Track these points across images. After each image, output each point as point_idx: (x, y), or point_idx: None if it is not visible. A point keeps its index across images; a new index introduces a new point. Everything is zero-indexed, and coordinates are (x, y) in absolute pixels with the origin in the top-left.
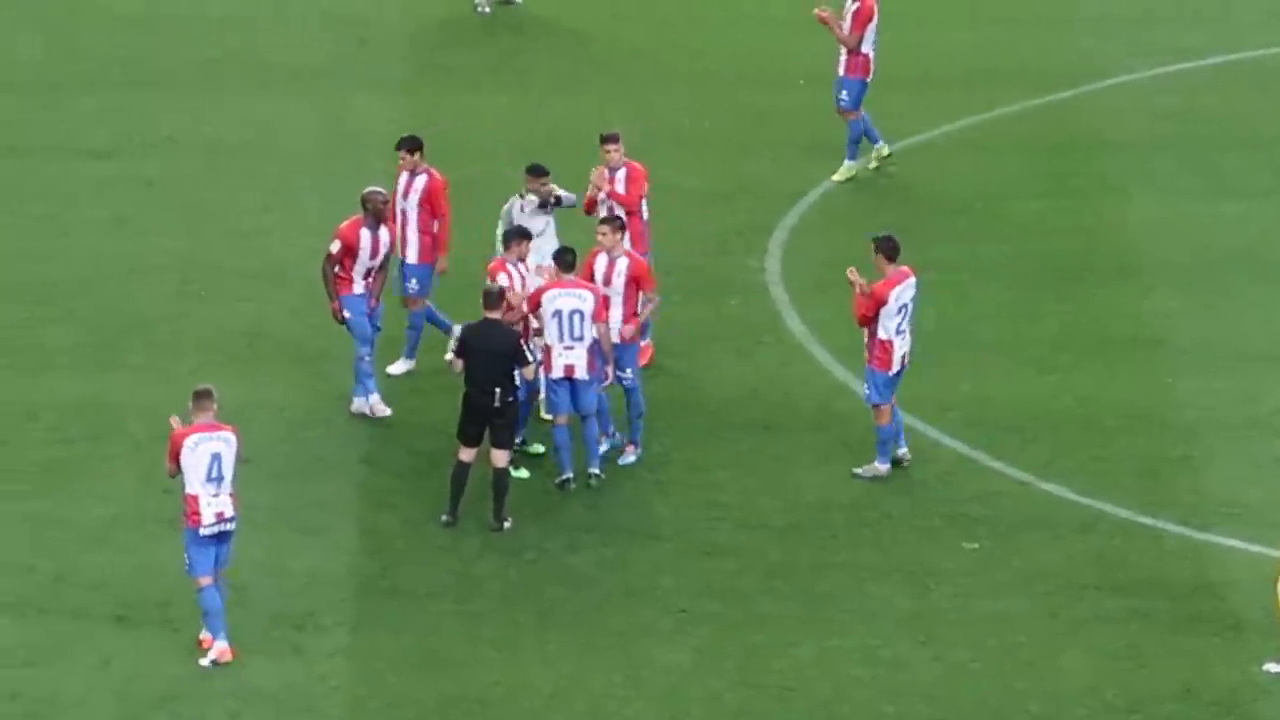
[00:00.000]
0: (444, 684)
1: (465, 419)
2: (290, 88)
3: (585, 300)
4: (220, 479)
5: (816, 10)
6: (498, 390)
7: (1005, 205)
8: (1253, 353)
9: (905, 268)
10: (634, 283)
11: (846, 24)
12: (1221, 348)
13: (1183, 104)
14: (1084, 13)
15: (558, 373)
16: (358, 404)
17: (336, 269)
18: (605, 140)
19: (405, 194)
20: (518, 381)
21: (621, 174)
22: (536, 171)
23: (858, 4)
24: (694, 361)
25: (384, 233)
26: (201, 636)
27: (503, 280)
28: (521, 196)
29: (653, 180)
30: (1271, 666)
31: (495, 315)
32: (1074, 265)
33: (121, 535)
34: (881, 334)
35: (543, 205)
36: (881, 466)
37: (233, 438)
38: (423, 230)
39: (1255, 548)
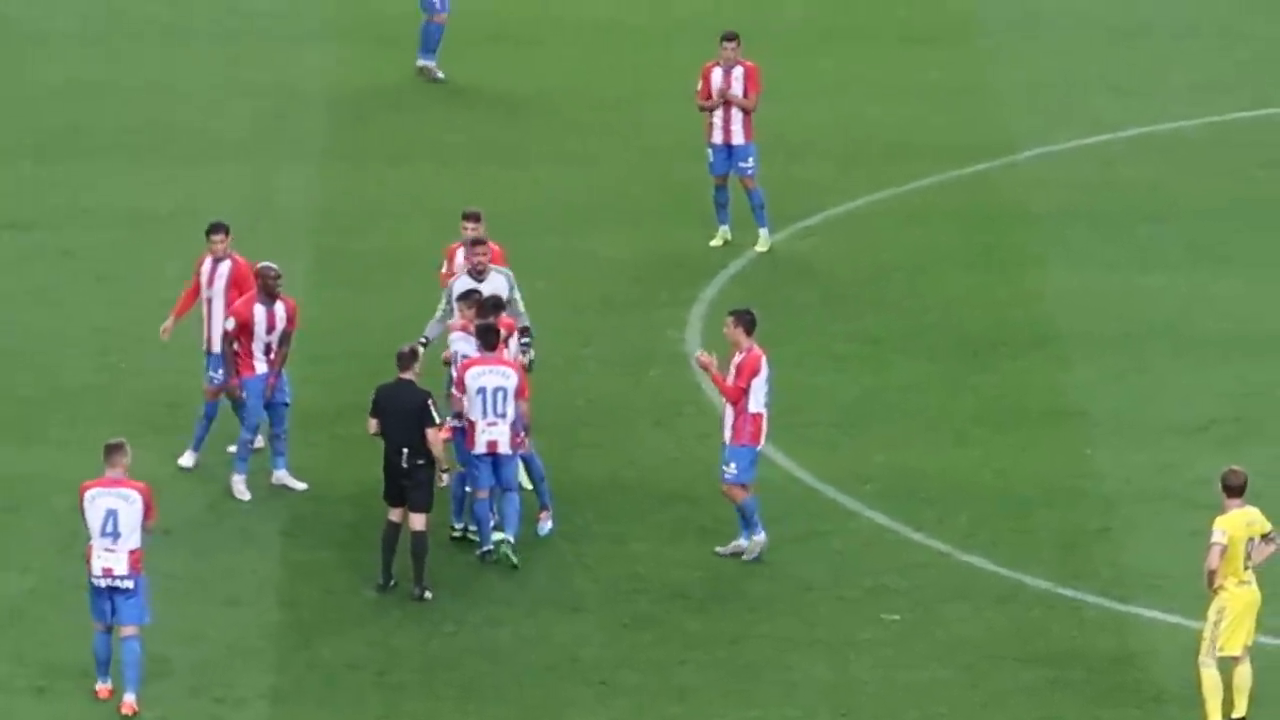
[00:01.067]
0: None
1: (385, 479)
2: (210, 157)
3: (509, 378)
4: (115, 534)
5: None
6: (405, 450)
7: (925, 276)
8: (1170, 425)
9: (758, 348)
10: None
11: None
12: (1139, 420)
13: (1100, 176)
14: (1003, 85)
15: (480, 448)
16: (278, 475)
17: (235, 346)
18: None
19: (210, 282)
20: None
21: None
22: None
23: None
24: (614, 432)
25: (279, 307)
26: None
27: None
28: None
29: (579, 251)
30: None
31: (407, 376)
32: (993, 336)
33: (39, 607)
34: (752, 407)
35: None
36: (759, 537)
37: (136, 496)
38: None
39: (1175, 619)
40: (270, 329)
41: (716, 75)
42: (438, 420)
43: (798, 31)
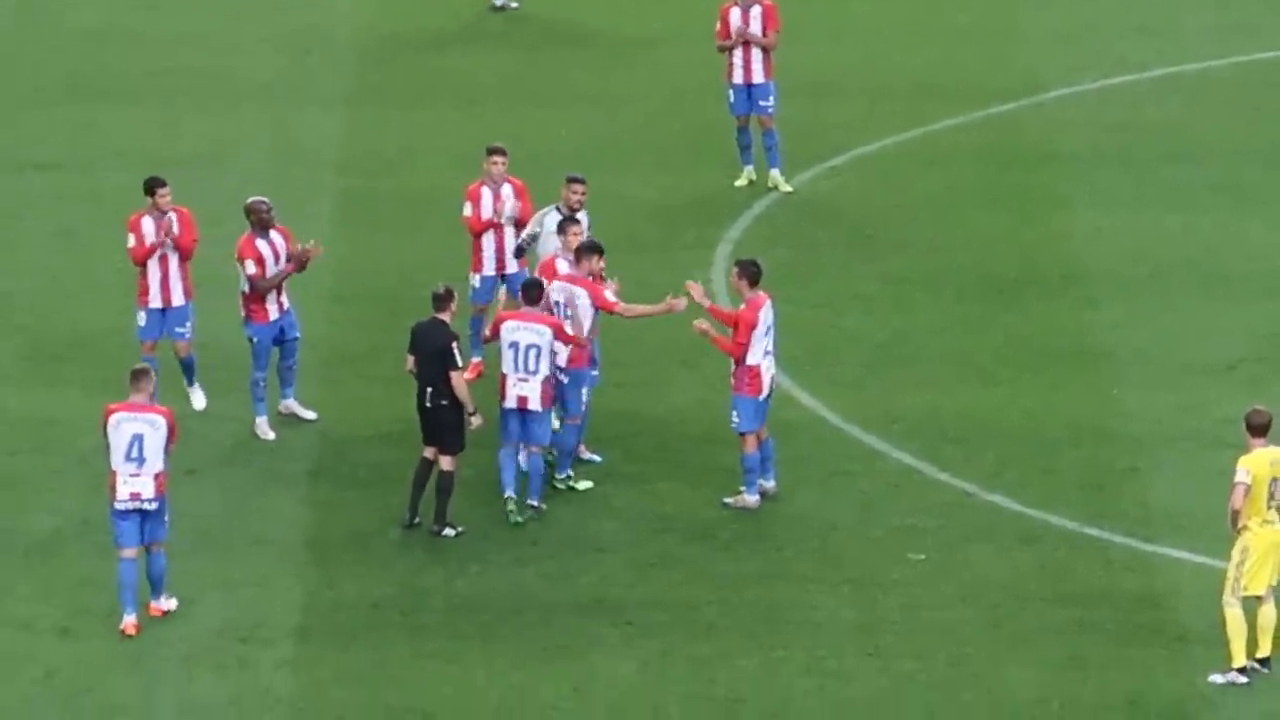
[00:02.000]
0: (389, 696)
1: (419, 418)
2: (240, 102)
3: (543, 335)
4: (140, 459)
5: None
6: (429, 390)
7: (952, 217)
8: (1197, 365)
9: (763, 293)
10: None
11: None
12: (1166, 360)
13: (1126, 117)
14: (1028, 27)
15: (510, 403)
16: (285, 405)
17: (247, 289)
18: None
19: (160, 236)
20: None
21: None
22: (573, 179)
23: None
24: (640, 373)
25: (275, 236)
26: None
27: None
28: (558, 209)
29: (605, 191)
30: (1216, 678)
31: (441, 316)
32: (1019, 277)
33: (67, 548)
34: (750, 359)
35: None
36: (750, 498)
37: (161, 421)
38: (187, 272)
39: (1201, 559)
40: (278, 259)
41: (735, 15)
42: (460, 363)
43: None
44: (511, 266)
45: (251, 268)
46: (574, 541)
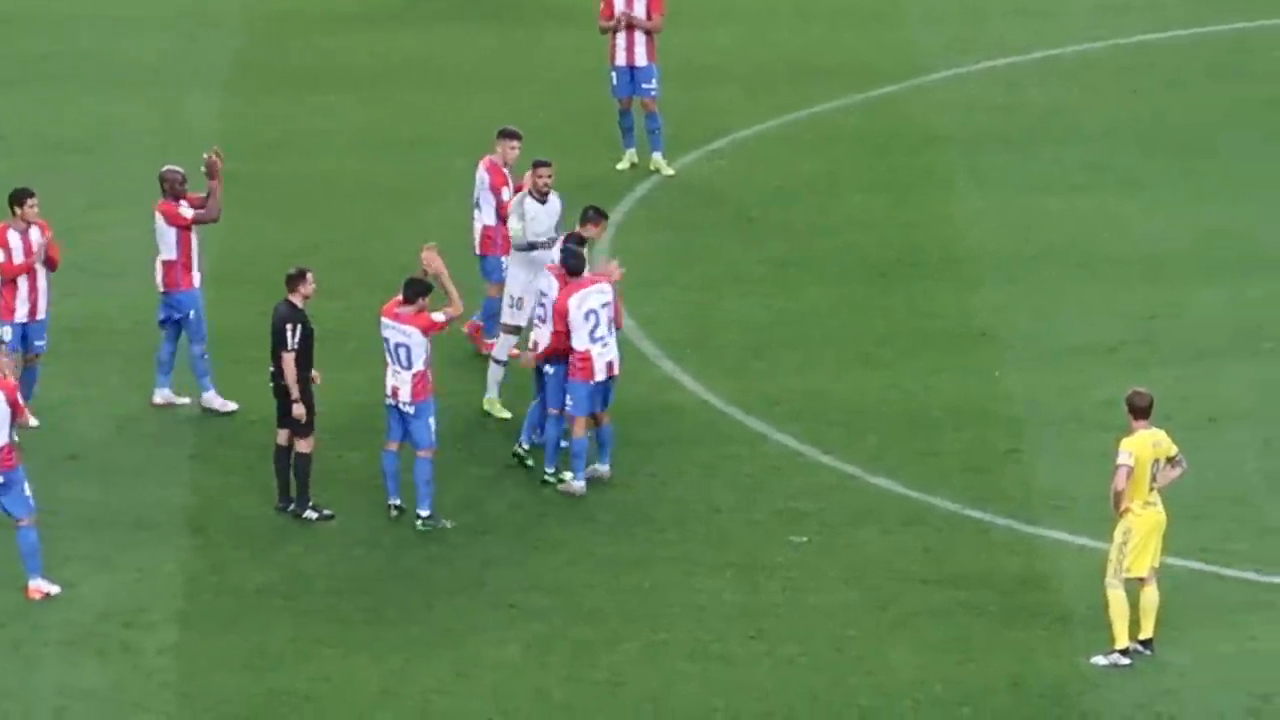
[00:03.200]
0: (273, 680)
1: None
2: (125, 84)
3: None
4: None
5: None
6: (271, 371)
7: (833, 200)
8: (1077, 346)
9: (590, 276)
10: None
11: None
12: (1047, 342)
13: (1007, 98)
14: (909, 8)
15: (601, 374)
16: (165, 395)
17: (172, 257)
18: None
19: (28, 250)
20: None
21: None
22: (540, 162)
23: None
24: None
25: (183, 205)
26: None
27: None
28: (530, 194)
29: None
30: (1099, 659)
31: (291, 297)
32: (901, 259)
33: None
34: (577, 345)
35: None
36: (577, 484)
37: (1, 396)
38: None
39: (1082, 540)
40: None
41: None
42: (290, 345)
43: None
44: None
45: (188, 212)
46: (457, 524)
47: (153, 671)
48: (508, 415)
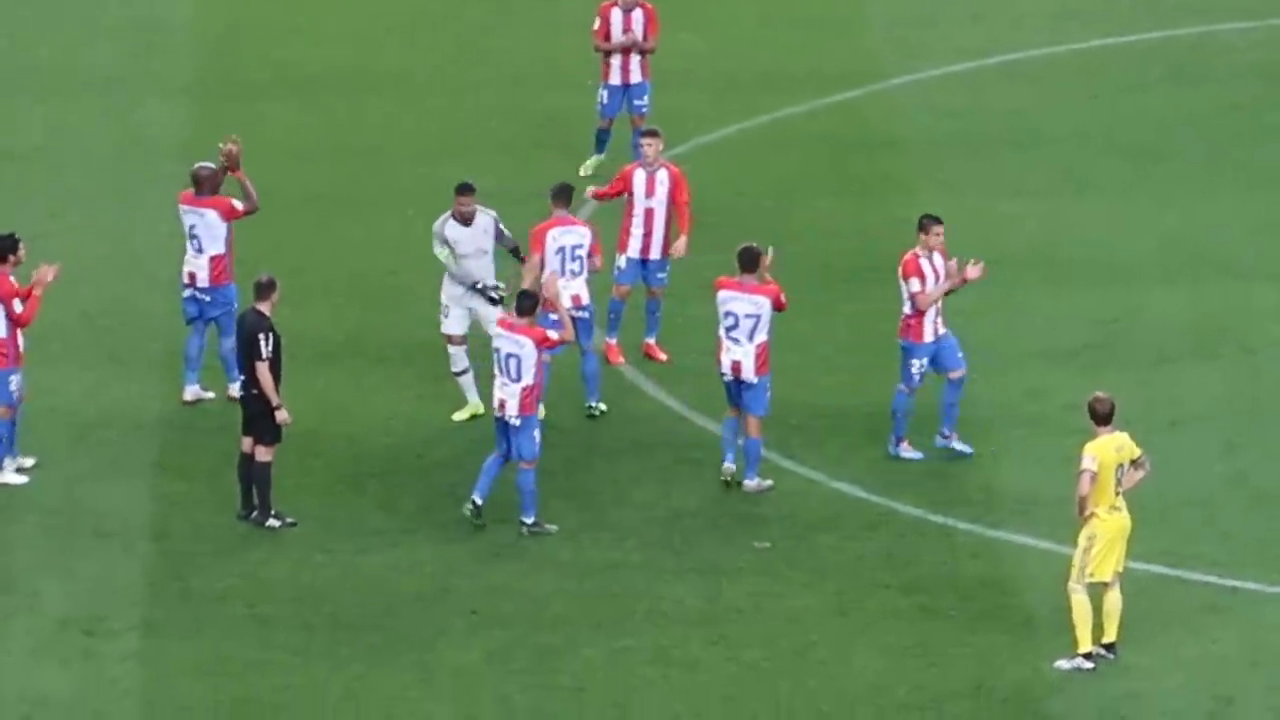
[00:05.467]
0: (235, 688)
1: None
2: (80, 93)
3: (524, 346)
4: None
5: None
6: (241, 379)
7: (796, 205)
8: (1040, 351)
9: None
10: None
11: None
12: (1009, 347)
13: (966, 103)
14: (870, 15)
15: (496, 407)
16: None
17: (216, 252)
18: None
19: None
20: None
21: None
22: (463, 189)
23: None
24: (486, 363)
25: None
26: None
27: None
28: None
29: (448, 179)
30: (1062, 663)
31: (260, 306)
32: (863, 263)
33: None
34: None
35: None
36: (764, 483)
37: None
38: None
39: (1046, 544)
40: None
41: (616, 16)
42: (265, 354)
43: None
44: (654, 253)
45: (240, 205)
46: (418, 530)
47: (115, 679)
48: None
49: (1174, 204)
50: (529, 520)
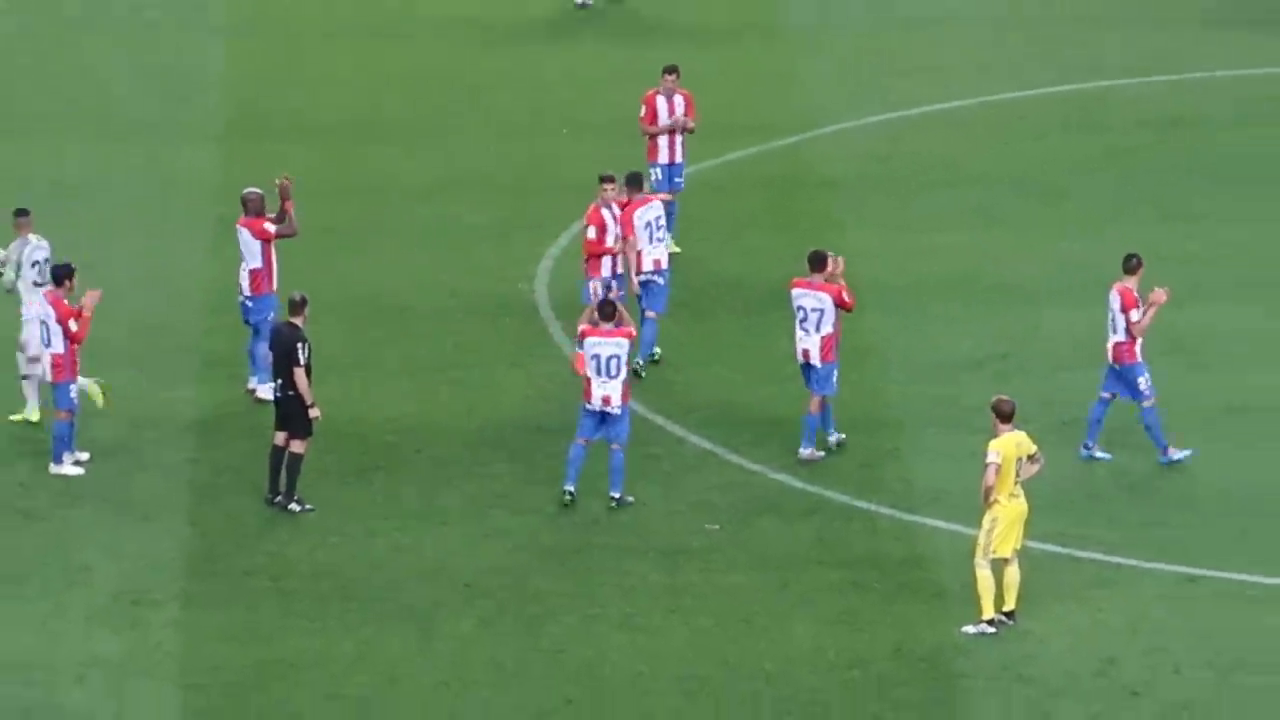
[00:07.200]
0: (260, 650)
1: (274, 408)
2: (121, 135)
3: (623, 346)
4: None
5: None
6: (279, 382)
7: (743, 238)
8: (951, 362)
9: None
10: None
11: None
12: (923, 358)
13: (891, 149)
14: (807, 71)
15: (596, 404)
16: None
17: (256, 266)
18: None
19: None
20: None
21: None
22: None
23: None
24: (476, 372)
25: (266, 222)
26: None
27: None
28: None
29: (444, 217)
30: (969, 629)
31: (295, 320)
32: None
33: None
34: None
35: None
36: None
37: None
38: None
39: (955, 527)
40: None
41: (661, 103)
42: (303, 361)
43: (629, 29)
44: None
45: (271, 229)
46: (419, 515)
47: (158, 643)
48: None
49: (1071, 237)
50: (617, 494)
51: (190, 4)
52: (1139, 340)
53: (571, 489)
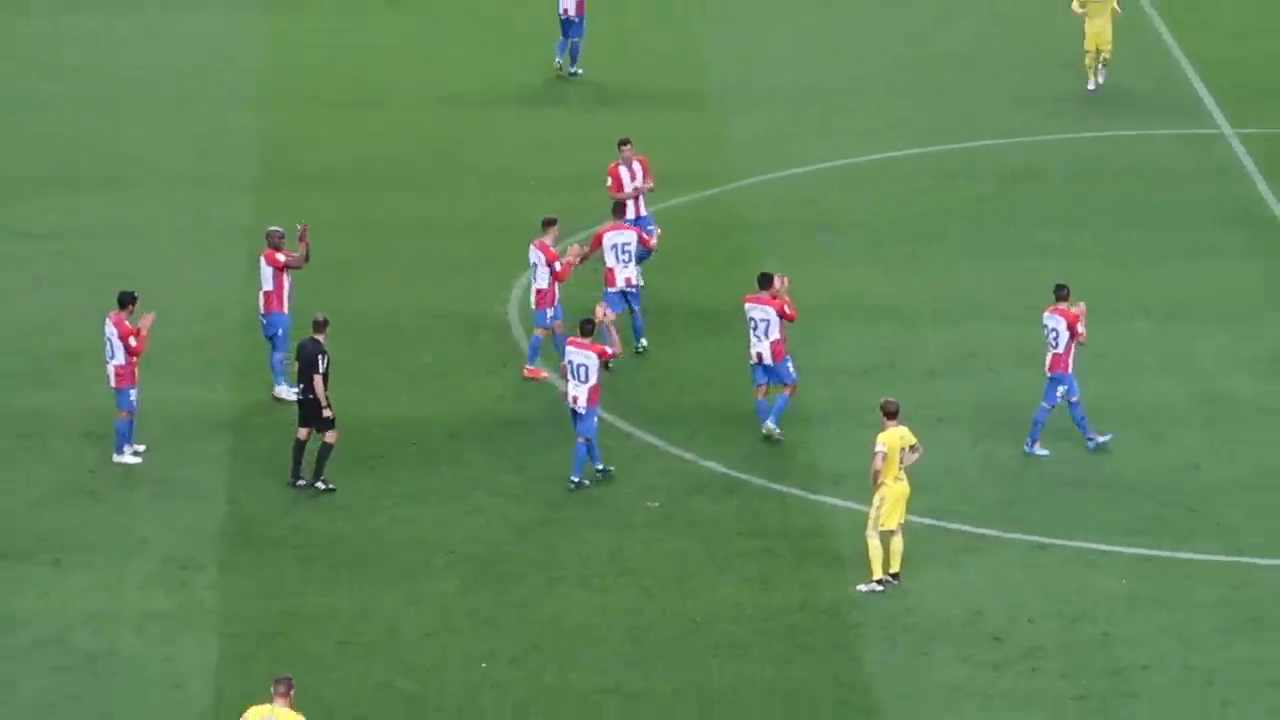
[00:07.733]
0: (284, 606)
1: (297, 408)
2: (169, 184)
3: (591, 359)
4: None
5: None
6: (301, 387)
7: (679, 271)
8: (847, 369)
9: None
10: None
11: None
12: (826, 364)
13: (802, 196)
14: (733, 131)
15: (569, 403)
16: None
17: (272, 286)
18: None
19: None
20: (317, 384)
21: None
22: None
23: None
24: (456, 379)
25: (279, 254)
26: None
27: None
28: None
29: (431, 253)
30: (862, 587)
31: (317, 336)
32: (726, 314)
33: (59, 498)
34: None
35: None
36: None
37: None
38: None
39: (851, 504)
40: (286, 268)
41: (624, 172)
42: (321, 370)
43: (586, 98)
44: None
45: (290, 259)
46: (410, 495)
47: (201, 600)
48: None
49: (945, 269)
50: (599, 466)
51: (226, 83)
52: (1072, 353)
53: (577, 479)
